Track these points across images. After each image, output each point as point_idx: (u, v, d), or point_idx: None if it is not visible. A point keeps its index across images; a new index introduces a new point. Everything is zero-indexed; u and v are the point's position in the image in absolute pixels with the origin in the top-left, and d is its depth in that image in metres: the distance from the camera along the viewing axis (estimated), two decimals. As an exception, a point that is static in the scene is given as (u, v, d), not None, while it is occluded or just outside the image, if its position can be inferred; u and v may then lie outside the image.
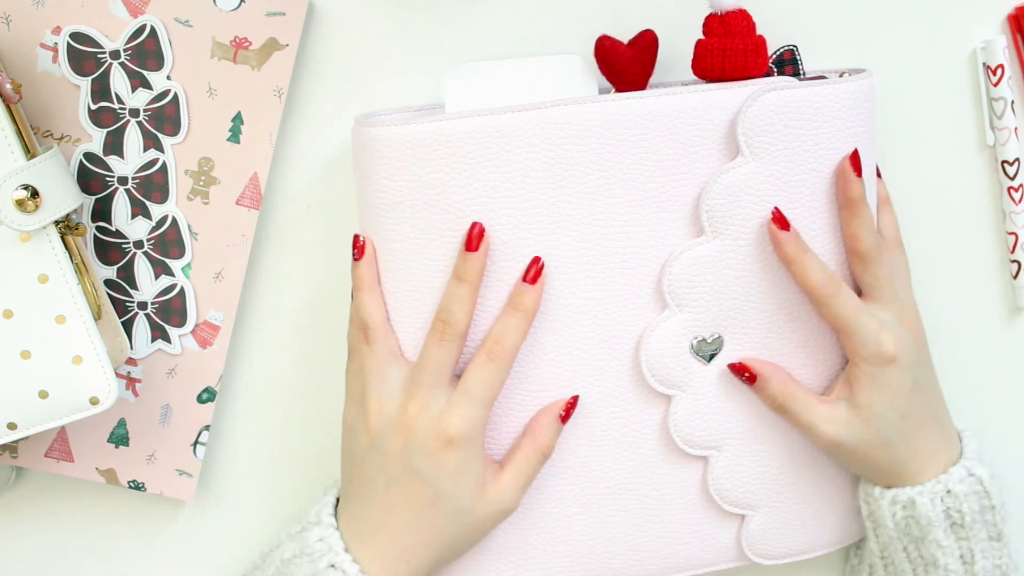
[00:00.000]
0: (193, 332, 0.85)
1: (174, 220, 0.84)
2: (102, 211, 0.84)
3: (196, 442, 0.86)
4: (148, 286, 0.84)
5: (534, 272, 0.77)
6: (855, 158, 0.79)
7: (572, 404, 0.79)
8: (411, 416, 0.77)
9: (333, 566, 0.76)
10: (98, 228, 0.84)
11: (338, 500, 0.80)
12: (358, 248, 0.79)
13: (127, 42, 0.82)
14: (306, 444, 0.88)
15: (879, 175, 0.83)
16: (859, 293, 0.81)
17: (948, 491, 0.80)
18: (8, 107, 0.77)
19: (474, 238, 0.76)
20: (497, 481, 0.78)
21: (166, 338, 0.85)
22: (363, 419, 0.78)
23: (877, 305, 0.80)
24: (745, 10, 0.79)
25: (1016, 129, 0.87)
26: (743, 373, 0.80)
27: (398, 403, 0.77)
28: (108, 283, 0.84)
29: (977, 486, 0.81)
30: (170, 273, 0.84)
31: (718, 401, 0.81)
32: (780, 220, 0.78)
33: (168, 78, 0.82)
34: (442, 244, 0.78)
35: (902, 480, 0.81)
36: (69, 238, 0.79)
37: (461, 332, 0.77)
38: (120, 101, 0.82)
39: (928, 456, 0.81)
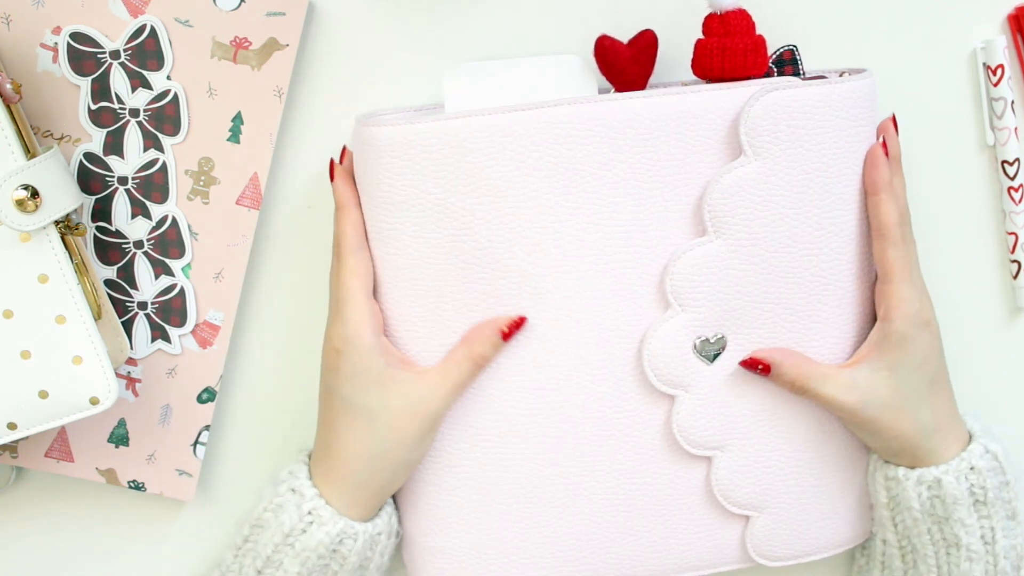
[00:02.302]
0: (193, 332, 0.85)
1: (174, 220, 0.84)
2: (102, 211, 0.84)
3: (196, 442, 0.86)
4: (148, 286, 0.84)
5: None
6: (884, 144, 0.80)
7: (517, 324, 0.79)
8: (325, 338, 0.80)
9: (293, 490, 0.79)
10: (98, 228, 0.84)
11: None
12: (332, 171, 0.81)
13: (127, 42, 0.82)
14: (306, 444, 0.88)
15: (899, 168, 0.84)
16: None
17: (972, 468, 0.81)
18: (8, 107, 0.77)
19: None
20: (418, 379, 0.78)
21: (166, 338, 0.85)
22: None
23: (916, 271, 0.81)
24: (745, 10, 0.79)
25: (1016, 129, 0.87)
26: (756, 367, 0.80)
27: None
28: (108, 283, 0.84)
29: (994, 462, 0.82)
30: (170, 273, 0.84)
31: (721, 401, 0.81)
32: (884, 146, 0.80)
33: (168, 78, 0.82)
34: (443, 243, 0.78)
35: (925, 457, 0.81)
36: (69, 238, 0.79)
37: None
38: (120, 101, 0.82)
39: (947, 432, 0.82)
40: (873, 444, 0.83)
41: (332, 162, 0.81)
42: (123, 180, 0.83)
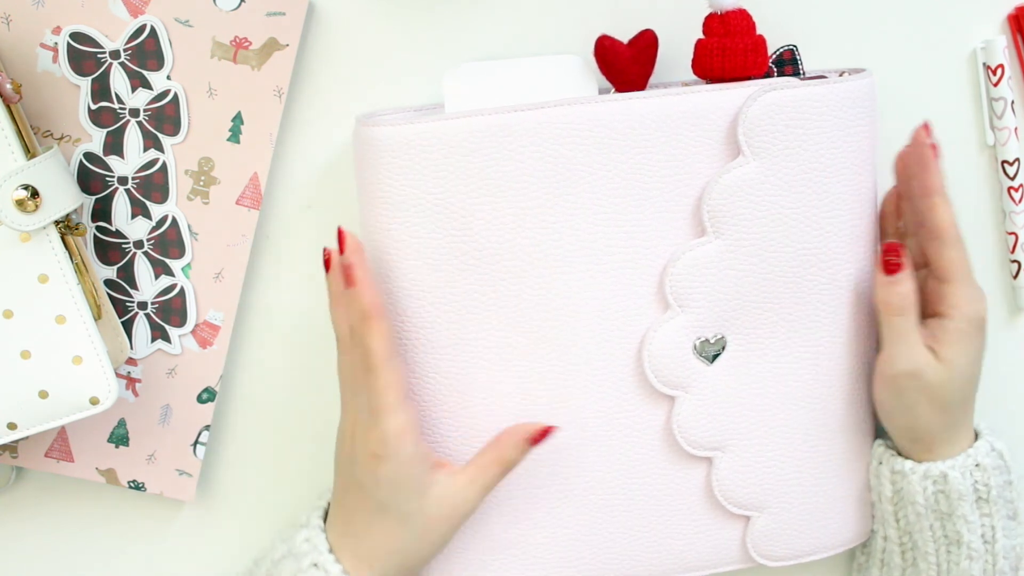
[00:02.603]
0: (193, 332, 0.85)
1: (174, 220, 0.84)
2: (102, 211, 0.84)
3: (196, 442, 0.86)
4: (148, 286, 0.84)
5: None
6: (934, 145, 0.80)
7: (546, 432, 0.79)
8: (347, 428, 0.79)
9: (316, 565, 0.77)
10: (98, 228, 0.84)
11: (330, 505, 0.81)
12: (326, 260, 0.79)
13: (127, 42, 0.82)
14: (306, 444, 0.88)
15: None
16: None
17: (977, 464, 0.81)
18: (8, 107, 0.77)
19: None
20: (450, 483, 0.78)
21: (166, 338, 0.85)
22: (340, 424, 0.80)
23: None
24: (745, 10, 0.79)
25: (1016, 129, 0.87)
26: (894, 254, 0.79)
27: (343, 414, 0.79)
28: (108, 283, 0.84)
29: (999, 460, 0.82)
30: (170, 273, 0.84)
31: (722, 402, 0.81)
32: (934, 147, 0.79)
33: (168, 78, 0.82)
34: (443, 243, 0.78)
35: (937, 451, 0.82)
36: (69, 238, 0.79)
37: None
38: (120, 101, 0.82)
39: (960, 431, 0.82)
40: (903, 422, 0.82)
41: (328, 253, 0.79)
42: (123, 180, 0.83)
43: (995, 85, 0.87)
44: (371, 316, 0.76)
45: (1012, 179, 0.88)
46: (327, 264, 0.79)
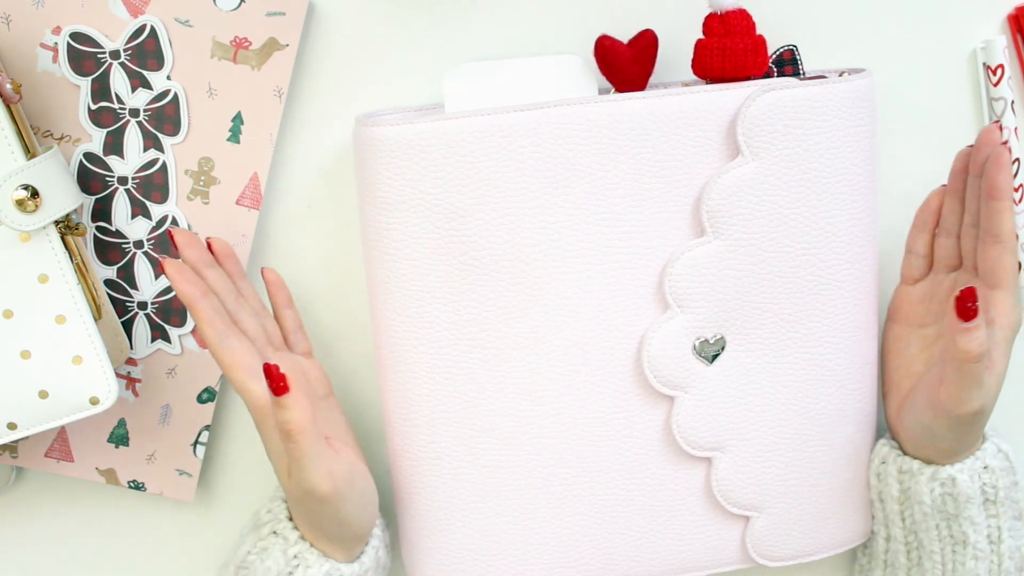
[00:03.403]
0: (193, 332, 0.85)
1: (174, 220, 0.84)
2: (102, 211, 0.84)
3: (196, 442, 0.86)
4: (148, 286, 0.84)
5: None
6: (1007, 142, 0.79)
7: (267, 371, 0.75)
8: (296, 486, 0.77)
9: (275, 532, 0.78)
10: (98, 228, 0.84)
11: None
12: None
13: (127, 42, 0.82)
14: (306, 444, 0.88)
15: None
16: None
17: (985, 467, 0.81)
18: (8, 107, 0.77)
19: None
20: (340, 460, 0.77)
21: (166, 338, 0.85)
22: None
23: None
24: (745, 10, 0.79)
25: (1016, 129, 0.87)
26: (969, 302, 0.75)
27: None
28: (108, 283, 0.84)
29: (1006, 462, 0.82)
30: (170, 273, 0.84)
31: (721, 402, 0.81)
32: (1008, 146, 0.78)
33: (168, 78, 0.82)
34: (442, 243, 0.78)
35: (952, 455, 0.81)
36: (69, 238, 0.79)
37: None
38: (120, 101, 0.82)
39: (978, 435, 0.82)
40: (945, 440, 0.80)
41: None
42: (123, 180, 0.83)
43: (995, 85, 0.87)
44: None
45: (1012, 179, 0.88)
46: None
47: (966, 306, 0.75)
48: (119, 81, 0.82)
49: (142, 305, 0.85)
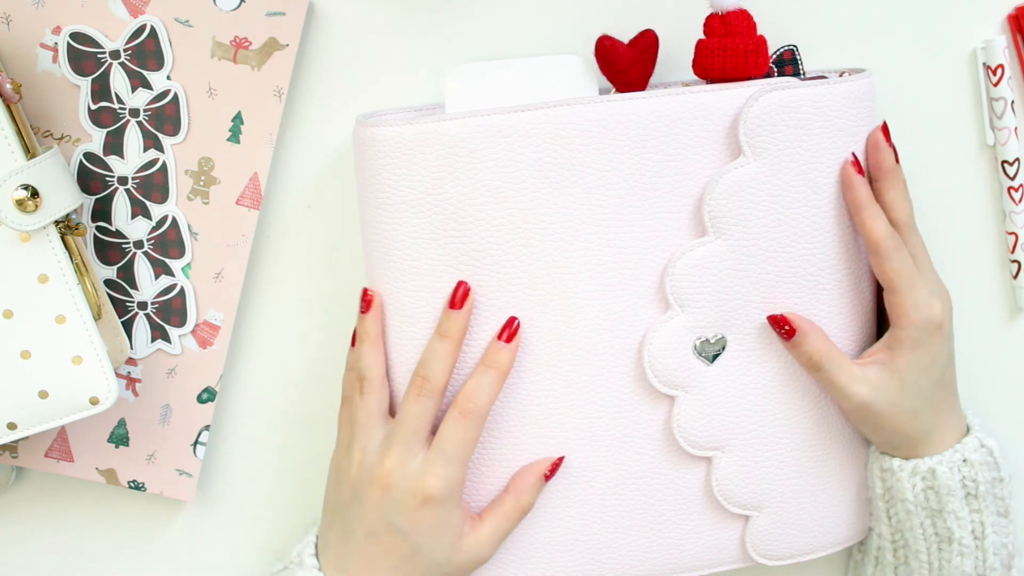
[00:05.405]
0: (193, 332, 0.85)
1: (174, 220, 0.84)
2: (102, 211, 0.84)
3: (196, 442, 0.86)
4: (148, 286, 0.84)
5: (509, 333, 0.78)
6: (885, 128, 0.80)
7: (557, 464, 0.80)
8: (387, 471, 0.77)
9: None
10: (98, 228, 0.84)
11: (318, 539, 0.81)
12: (366, 301, 0.79)
13: (127, 42, 0.82)
14: (305, 444, 0.88)
15: (897, 160, 0.83)
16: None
17: (964, 460, 0.82)
18: (8, 107, 0.77)
19: (459, 298, 0.78)
20: (474, 533, 0.79)
21: (166, 338, 0.85)
22: (347, 469, 0.79)
23: (920, 274, 0.81)
24: (746, 10, 0.79)
25: (1016, 129, 0.87)
26: (782, 326, 0.80)
27: (378, 457, 0.78)
28: (108, 283, 0.84)
29: (988, 457, 0.82)
30: (170, 273, 0.84)
31: (721, 402, 0.81)
32: (857, 164, 0.79)
33: (168, 78, 0.82)
34: (443, 244, 0.78)
35: (920, 450, 0.82)
36: (69, 238, 0.79)
37: (440, 388, 0.78)
38: (120, 101, 0.82)
39: (945, 428, 0.82)
40: (873, 437, 0.83)
41: (366, 292, 0.80)
42: (123, 180, 0.83)
43: (995, 85, 0.87)
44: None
45: (1012, 179, 0.88)
46: (368, 304, 0.79)
47: (782, 330, 0.80)
48: (119, 81, 0.82)
49: (142, 305, 0.85)
